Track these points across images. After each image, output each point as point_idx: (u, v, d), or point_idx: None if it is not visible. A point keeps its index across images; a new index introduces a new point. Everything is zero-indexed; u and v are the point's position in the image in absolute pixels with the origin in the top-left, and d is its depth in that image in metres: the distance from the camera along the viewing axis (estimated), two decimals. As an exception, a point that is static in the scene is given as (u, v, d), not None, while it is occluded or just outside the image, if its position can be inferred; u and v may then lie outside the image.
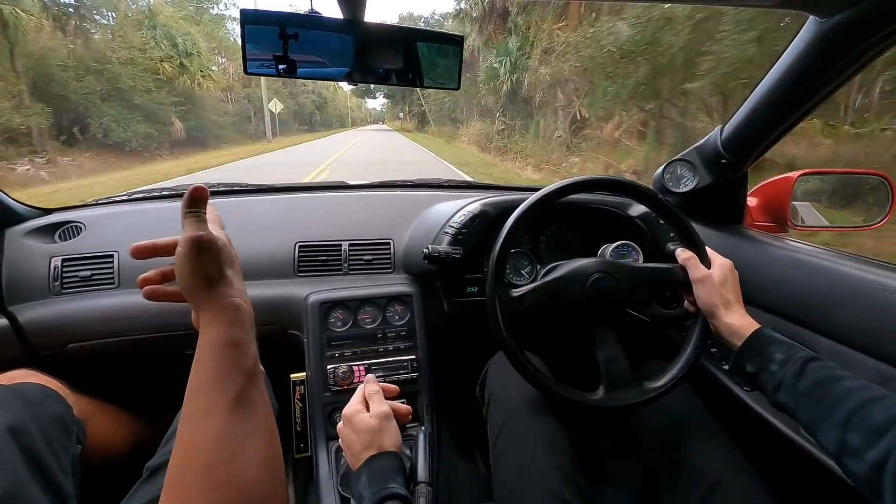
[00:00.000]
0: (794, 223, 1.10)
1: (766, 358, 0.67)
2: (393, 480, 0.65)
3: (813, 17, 0.72)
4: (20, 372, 0.81)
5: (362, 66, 0.70)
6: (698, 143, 1.11)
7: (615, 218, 1.17)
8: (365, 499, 0.63)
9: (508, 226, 0.81)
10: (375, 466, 0.67)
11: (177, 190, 1.34)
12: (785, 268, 0.92)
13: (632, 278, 0.83)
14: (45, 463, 0.66)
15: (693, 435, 0.81)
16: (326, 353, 1.04)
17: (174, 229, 0.55)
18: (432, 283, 1.11)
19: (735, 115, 0.99)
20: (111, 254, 1.08)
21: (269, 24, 0.64)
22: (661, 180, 1.18)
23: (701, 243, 0.82)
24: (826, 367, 0.62)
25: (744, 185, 1.11)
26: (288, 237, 1.16)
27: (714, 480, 0.72)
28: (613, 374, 0.79)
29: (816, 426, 0.59)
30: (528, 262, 1.16)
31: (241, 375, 0.44)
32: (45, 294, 1.03)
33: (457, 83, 0.74)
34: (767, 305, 0.93)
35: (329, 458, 0.97)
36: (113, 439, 0.97)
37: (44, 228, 1.10)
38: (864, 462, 0.51)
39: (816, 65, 0.77)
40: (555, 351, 1.12)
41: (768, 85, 0.87)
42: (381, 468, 0.67)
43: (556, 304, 0.82)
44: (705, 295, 0.76)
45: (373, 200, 1.36)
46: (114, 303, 1.05)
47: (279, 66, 0.66)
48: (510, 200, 1.09)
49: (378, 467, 0.67)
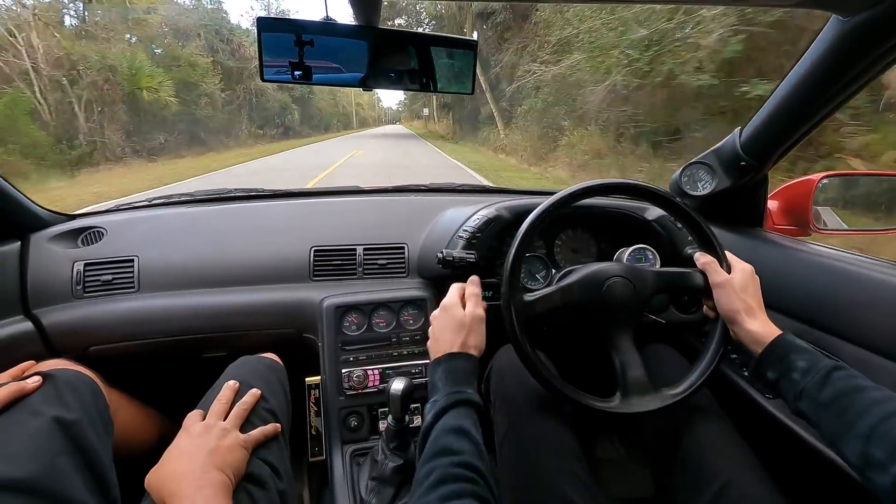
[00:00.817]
0: (817, 226, 1.08)
1: (788, 365, 0.65)
2: (469, 385, 0.68)
3: (835, 17, 0.70)
4: (58, 361, 0.82)
5: (377, 72, 0.70)
6: (716, 145, 1.10)
7: (632, 222, 1.16)
8: (439, 391, 0.67)
9: (523, 230, 0.80)
10: (454, 365, 0.70)
11: (195, 196, 1.36)
12: (808, 272, 0.90)
13: (649, 283, 0.81)
14: (94, 456, 0.67)
15: (704, 434, 0.80)
16: (341, 356, 1.04)
17: (190, 234, 0.56)
18: (447, 287, 1.11)
19: (754, 117, 0.97)
20: (131, 258, 1.10)
21: (284, 32, 0.65)
22: (678, 183, 1.16)
23: (720, 247, 0.80)
24: (850, 377, 0.60)
25: (764, 188, 1.09)
26: (303, 241, 1.17)
27: (726, 480, 0.71)
28: (630, 380, 0.78)
29: (839, 437, 0.57)
30: (543, 267, 1.15)
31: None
32: (67, 298, 1.06)
33: (471, 88, 0.74)
34: (790, 310, 0.91)
35: (344, 461, 0.98)
36: (137, 434, 0.99)
37: (67, 233, 1.13)
38: (888, 475, 0.50)
39: (839, 65, 0.75)
40: (568, 354, 1.11)
41: (789, 86, 0.85)
42: (460, 368, 0.70)
43: (571, 308, 0.81)
44: (726, 300, 0.74)
45: (387, 205, 1.36)
46: (133, 306, 1.06)
47: (295, 72, 0.67)
48: (525, 204, 1.09)
49: (457, 366, 0.70)
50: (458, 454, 0.57)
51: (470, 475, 0.54)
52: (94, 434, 0.70)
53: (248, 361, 0.94)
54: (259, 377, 0.88)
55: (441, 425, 0.62)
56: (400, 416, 0.87)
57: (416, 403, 1.05)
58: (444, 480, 0.53)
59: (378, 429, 1.03)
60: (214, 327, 1.09)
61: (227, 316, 1.09)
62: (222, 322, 1.09)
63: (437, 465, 0.56)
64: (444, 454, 0.57)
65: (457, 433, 0.60)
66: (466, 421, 0.63)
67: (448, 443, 0.59)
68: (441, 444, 0.59)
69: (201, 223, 1.23)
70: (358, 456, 0.99)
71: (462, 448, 0.58)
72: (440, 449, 0.58)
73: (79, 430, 0.67)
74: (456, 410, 0.64)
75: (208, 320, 1.08)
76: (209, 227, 1.22)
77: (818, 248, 0.95)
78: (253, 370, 0.91)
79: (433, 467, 0.56)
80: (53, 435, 0.64)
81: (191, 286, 1.10)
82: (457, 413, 0.64)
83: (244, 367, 0.92)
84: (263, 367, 0.93)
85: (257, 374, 0.89)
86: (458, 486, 0.53)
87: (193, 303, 1.09)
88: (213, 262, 1.13)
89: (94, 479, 0.66)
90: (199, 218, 1.25)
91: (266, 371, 0.92)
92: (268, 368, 0.93)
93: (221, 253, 1.15)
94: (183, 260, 1.13)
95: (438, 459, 0.57)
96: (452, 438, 0.59)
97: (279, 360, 0.99)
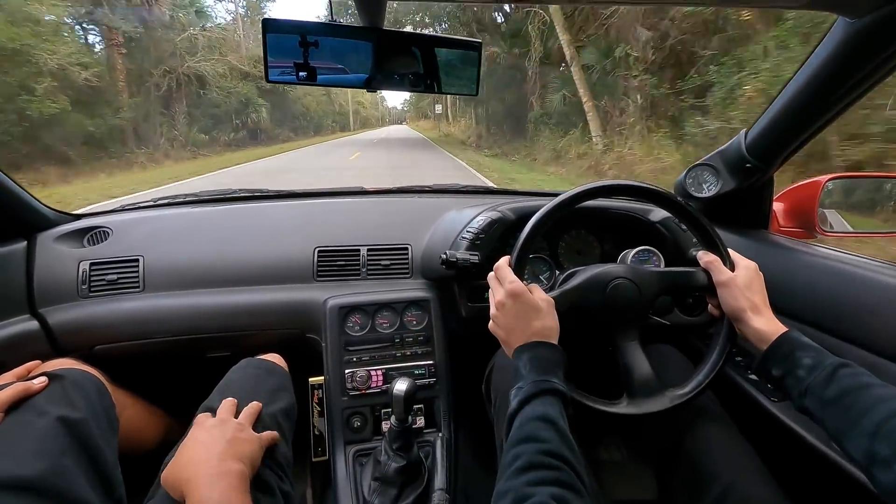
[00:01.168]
0: (823, 229, 1.07)
1: (794, 362, 0.65)
2: (556, 375, 0.66)
3: (842, 18, 0.70)
4: (65, 360, 0.83)
5: (381, 73, 0.70)
6: (722, 147, 1.09)
7: (636, 223, 1.16)
8: (524, 379, 0.65)
9: (527, 231, 0.80)
10: (542, 354, 0.69)
11: (199, 196, 1.37)
12: (814, 274, 0.90)
13: (654, 284, 0.81)
14: (100, 454, 0.68)
15: (707, 435, 0.80)
16: (344, 357, 1.04)
17: (195, 234, 0.56)
18: (450, 288, 1.11)
19: (760, 119, 0.96)
20: (136, 258, 1.10)
21: (289, 33, 0.65)
22: (683, 185, 1.15)
23: (724, 246, 0.80)
24: (856, 375, 0.60)
25: (769, 190, 1.09)
26: (307, 242, 1.18)
27: (728, 482, 0.70)
28: (637, 381, 0.77)
29: (843, 434, 0.57)
30: (547, 268, 1.15)
31: None
32: (73, 297, 1.06)
33: (475, 89, 0.74)
34: (795, 313, 0.90)
35: (347, 462, 0.98)
36: (143, 433, 1.00)
37: (73, 233, 1.14)
38: (893, 472, 0.50)
39: (846, 67, 0.75)
40: (573, 356, 1.11)
41: (795, 87, 0.85)
42: (548, 357, 0.68)
43: (575, 310, 0.81)
44: (731, 299, 0.74)
45: (391, 206, 1.37)
46: (138, 306, 1.07)
47: (299, 73, 0.67)
48: (529, 206, 1.09)
49: (544, 355, 0.68)
50: (545, 442, 0.57)
51: (556, 463, 0.54)
52: (100, 433, 0.70)
53: (249, 365, 0.94)
54: (260, 382, 0.89)
55: (527, 412, 0.61)
56: (403, 416, 0.87)
57: (419, 404, 1.05)
58: (530, 467, 0.54)
59: (381, 429, 1.03)
60: (218, 327, 1.09)
61: (231, 316, 1.09)
62: (226, 322, 1.09)
63: (524, 450, 0.56)
64: (531, 441, 0.57)
65: (543, 421, 0.60)
66: (552, 409, 0.62)
67: (534, 430, 0.59)
68: (527, 430, 0.59)
69: (206, 223, 1.23)
70: (361, 456, 0.99)
71: (548, 437, 0.57)
72: (526, 436, 0.58)
73: (84, 430, 0.67)
74: (542, 398, 0.63)
75: (212, 320, 1.09)
76: (214, 227, 1.22)
77: (824, 250, 0.94)
78: (253, 375, 0.91)
79: (519, 453, 0.56)
80: (59, 434, 0.64)
81: (195, 286, 1.11)
82: (543, 401, 0.63)
83: (244, 371, 0.92)
84: (264, 372, 0.93)
85: (258, 380, 0.89)
86: (544, 472, 0.53)
87: (197, 303, 1.09)
88: (217, 262, 1.14)
89: (99, 478, 0.66)
90: (204, 218, 1.26)
91: (266, 375, 0.92)
92: (268, 372, 0.93)
93: (226, 253, 1.15)
94: (187, 260, 1.13)
95: (525, 445, 0.57)
96: (539, 426, 0.59)
97: (282, 361, 0.99)
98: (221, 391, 0.84)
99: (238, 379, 0.89)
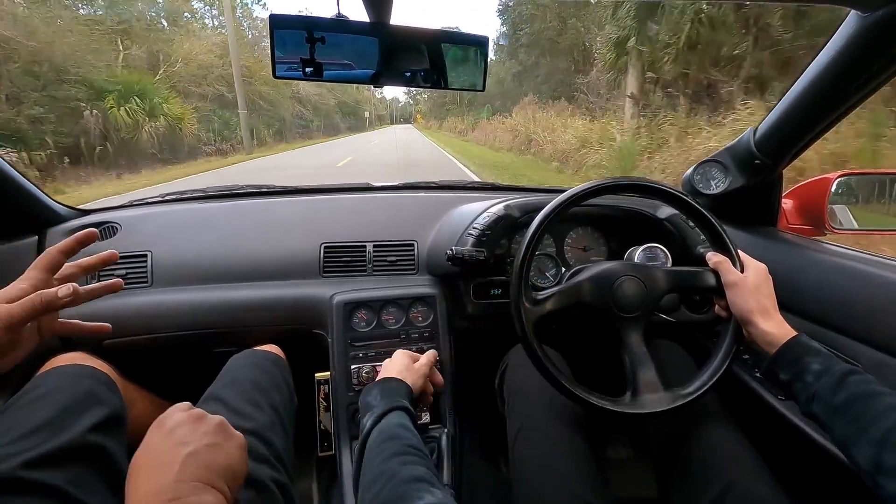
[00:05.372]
0: (833, 226, 1.06)
1: (802, 367, 0.64)
2: (403, 398, 0.76)
3: (854, 12, 0.69)
4: (76, 354, 0.83)
5: (388, 69, 0.70)
6: (730, 143, 1.08)
7: (643, 220, 1.15)
8: (375, 407, 0.73)
9: (533, 228, 0.80)
10: (389, 386, 0.79)
11: (206, 192, 1.37)
12: (823, 272, 0.89)
13: (660, 282, 0.81)
14: (115, 461, 0.67)
15: (709, 434, 0.79)
16: (350, 352, 1.05)
17: (202, 230, 0.56)
18: (456, 284, 1.11)
19: (769, 115, 0.95)
20: (145, 253, 1.11)
21: (296, 28, 0.65)
22: (690, 181, 1.15)
23: (733, 246, 0.79)
24: (865, 382, 0.59)
25: (778, 187, 1.08)
26: (313, 238, 1.18)
27: (730, 480, 0.70)
28: (641, 379, 0.77)
29: (850, 442, 0.57)
30: (553, 265, 1.14)
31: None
32: None
33: (482, 85, 0.74)
34: (804, 311, 0.90)
35: (352, 457, 0.98)
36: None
37: (82, 228, 1.14)
38: None
39: (858, 62, 0.74)
40: (579, 353, 1.11)
41: (805, 83, 0.84)
42: (394, 388, 0.79)
43: (581, 307, 0.81)
44: (740, 300, 0.74)
45: (397, 202, 1.37)
46: (147, 300, 1.08)
47: (306, 68, 0.67)
48: (535, 202, 1.08)
49: (391, 387, 0.79)
50: (406, 439, 0.65)
51: (420, 453, 0.62)
52: (114, 439, 0.70)
53: (251, 355, 0.95)
54: (263, 370, 0.89)
55: (383, 424, 0.69)
56: None
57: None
58: (398, 454, 0.61)
59: None
60: (225, 322, 1.10)
61: (238, 311, 1.10)
62: (233, 317, 1.10)
63: (389, 445, 0.63)
64: (394, 438, 0.65)
65: (400, 427, 0.68)
66: (405, 419, 0.70)
67: (394, 432, 0.66)
68: (388, 433, 0.67)
69: (213, 219, 1.24)
70: None
71: (408, 436, 0.66)
72: (388, 436, 0.66)
73: (100, 438, 0.67)
74: (394, 413, 0.71)
75: (219, 315, 1.09)
76: (221, 223, 1.23)
77: (834, 247, 0.93)
78: (256, 364, 0.91)
79: (385, 447, 0.63)
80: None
81: (202, 281, 1.11)
82: (395, 415, 0.71)
83: (246, 360, 0.93)
84: (267, 361, 0.94)
85: (261, 368, 0.90)
86: (412, 458, 0.60)
87: (204, 298, 1.10)
88: (224, 257, 1.14)
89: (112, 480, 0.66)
90: (211, 214, 1.26)
91: (269, 365, 0.93)
92: (271, 362, 0.94)
93: (232, 249, 1.16)
94: (195, 255, 1.14)
95: (389, 442, 0.64)
96: (398, 430, 0.67)
97: (281, 354, 1.00)
98: (223, 380, 0.85)
99: (240, 367, 0.90)
